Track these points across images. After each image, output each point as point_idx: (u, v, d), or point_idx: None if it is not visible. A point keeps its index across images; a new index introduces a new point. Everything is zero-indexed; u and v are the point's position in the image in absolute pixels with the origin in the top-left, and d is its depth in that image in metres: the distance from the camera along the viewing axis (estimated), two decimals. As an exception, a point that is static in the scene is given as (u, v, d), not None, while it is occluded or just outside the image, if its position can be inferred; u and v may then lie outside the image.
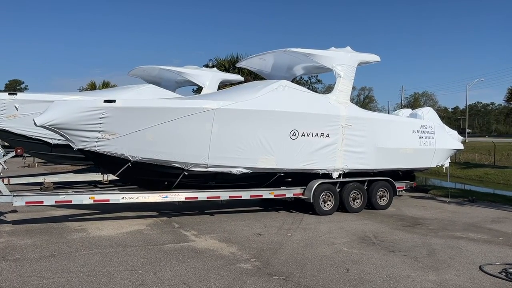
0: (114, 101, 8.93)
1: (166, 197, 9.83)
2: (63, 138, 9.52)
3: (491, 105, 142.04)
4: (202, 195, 10.14)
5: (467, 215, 11.56)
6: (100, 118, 8.84)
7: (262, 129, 10.01)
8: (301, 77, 35.50)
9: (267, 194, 10.74)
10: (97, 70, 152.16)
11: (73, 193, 9.57)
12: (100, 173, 14.84)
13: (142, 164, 9.44)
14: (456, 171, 25.92)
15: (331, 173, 11.16)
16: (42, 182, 14.14)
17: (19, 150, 9.91)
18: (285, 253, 7.60)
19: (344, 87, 11.24)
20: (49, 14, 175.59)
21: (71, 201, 9.27)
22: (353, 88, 12.20)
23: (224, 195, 10.30)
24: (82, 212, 10.77)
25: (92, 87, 35.90)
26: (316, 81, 54.43)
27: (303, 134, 10.47)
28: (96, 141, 9.02)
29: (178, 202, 10.04)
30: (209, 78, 15.94)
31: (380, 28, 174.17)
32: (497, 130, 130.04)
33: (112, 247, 7.76)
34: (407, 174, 13.17)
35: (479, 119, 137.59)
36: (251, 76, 24.26)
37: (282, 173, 10.80)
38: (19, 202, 8.85)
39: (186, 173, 9.78)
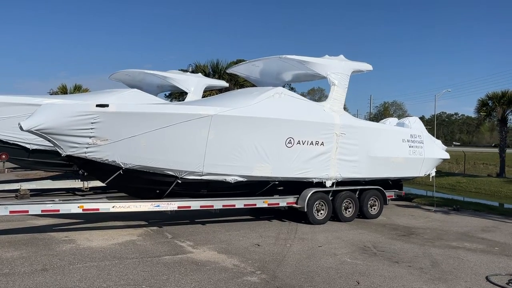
0: (107, 105, 8.52)
1: (158, 206, 9.43)
2: (46, 144, 9.00)
3: (454, 115, 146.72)
4: (195, 204, 9.79)
5: (456, 224, 11.66)
6: (92, 123, 8.43)
7: (259, 136, 9.78)
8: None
9: (260, 203, 10.49)
10: (63, 73, 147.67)
11: (61, 201, 9.01)
12: (79, 180, 14.23)
13: (134, 171, 9.04)
14: (430, 179, 26.31)
15: (325, 182, 11.02)
16: (18, 189, 13.38)
17: (3, 156, 9.30)
18: (289, 265, 7.37)
19: (338, 95, 11.16)
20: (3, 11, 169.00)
21: (58, 210, 8.73)
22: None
23: (218, 204, 9.99)
24: (66, 221, 10.19)
25: (63, 90, 34.62)
26: (289, 88, 54.82)
27: (298, 142, 10.31)
28: (87, 147, 8.59)
29: (170, 211, 9.64)
30: (195, 83, 15.59)
31: (346, 37, 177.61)
32: (461, 140, 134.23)
33: (107, 260, 7.32)
34: (395, 183, 13.21)
35: (443, 129, 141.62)
36: (232, 82, 24.05)
37: (277, 181, 10.59)
38: (2, 211, 8.25)
39: (180, 181, 9.43)
